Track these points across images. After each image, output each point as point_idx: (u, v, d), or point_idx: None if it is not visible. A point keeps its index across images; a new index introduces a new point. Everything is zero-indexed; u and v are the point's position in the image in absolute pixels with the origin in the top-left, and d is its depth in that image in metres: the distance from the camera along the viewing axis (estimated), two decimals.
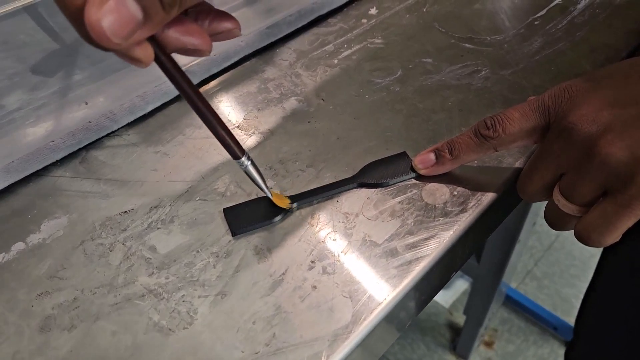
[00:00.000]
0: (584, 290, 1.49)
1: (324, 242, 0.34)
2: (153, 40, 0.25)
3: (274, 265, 0.33)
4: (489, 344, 1.34)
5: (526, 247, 1.51)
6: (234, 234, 0.34)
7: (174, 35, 0.25)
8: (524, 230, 0.99)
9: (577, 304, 1.39)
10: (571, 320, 1.33)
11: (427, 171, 0.37)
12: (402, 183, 0.38)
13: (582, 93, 0.32)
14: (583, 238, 0.32)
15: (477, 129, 0.35)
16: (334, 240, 0.34)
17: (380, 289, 0.32)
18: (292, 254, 0.34)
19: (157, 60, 0.26)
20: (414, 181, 0.38)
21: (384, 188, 0.37)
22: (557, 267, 1.48)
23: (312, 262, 0.33)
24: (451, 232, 0.35)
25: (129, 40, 0.22)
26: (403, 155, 0.39)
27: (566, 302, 1.40)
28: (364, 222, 0.35)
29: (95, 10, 0.20)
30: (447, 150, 0.36)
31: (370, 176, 0.37)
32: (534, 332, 1.35)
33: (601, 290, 0.59)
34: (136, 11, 0.21)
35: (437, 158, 0.37)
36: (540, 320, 1.34)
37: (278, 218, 0.35)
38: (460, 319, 1.35)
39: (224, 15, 0.27)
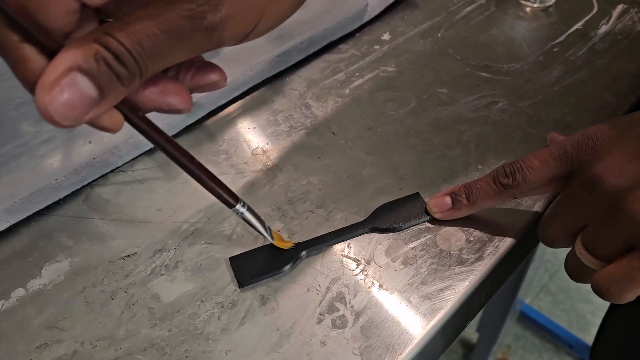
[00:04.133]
0: (600, 306, 1.45)
1: (333, 292, 0.33)
2: (123, 103, 0.23)
3: (281, 318, 0.32)
4: None
5: (541, 260, 1.48)
6: (240, 286, 0.33)
7: (149, 96, 0.24)
8: (539, 247, 0.97)
9: (593, 320, 1.37)
10: (587, 337, 1.30)
11: (442, 215, 0.36)
12: (416, 227, 0.36)
13: (608, 142, 0.30)
14: (601, 290, 0.30)
15: (496, 176, 0.34)
16: (343, 290, 0.33)
17: (392, 347, 0.30)
18: (300, 305, 0.32)
19: (129, 121, 0.24)
20: (427, 225, 0.36)
21: (396, 232, 0.36)
22: (573, 282, 1.45)
23: (321, 314, 0.32)
24: (467, 283, 0.33)
25: (85, 119, 0.21)
26: (416, 197, 0.37)
27: (582, 318, 1.37)
28: (376, 270, 0.34)
29: (44, 93, 0.19)
30: (464, 195, 0.35)
31: (382, 220, 0.36)
32: (549, 349, 1.32)
33: (619, 318, 0.57)
34: (90, 90, 0.20)
35: (453, 202, 0.35)
36: (555, 338, 1.32)
37: (287, 267, 0.33)
38: (473, 335, 1.33)
39: (208, 66, 0.26)
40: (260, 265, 0.33)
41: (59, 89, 0.19)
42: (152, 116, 0.25)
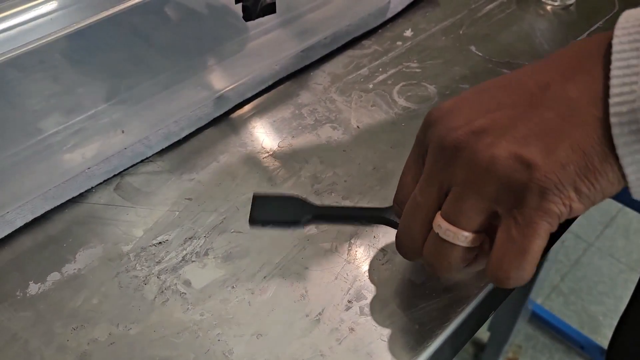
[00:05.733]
0: (612, 308, 1.45)
1: (360, 280, 0.34)
2: None
3: (310, 305, 0.32)
4: None
5: (553, 261, 1.48)
6: (251, 223, 0.36)
7: None
8: (552, 247, 0.97)
9: (605, 322, 1.37)
10: (598, 338, 1.30)
11: None
12: None
13: (447, 111, 0.28)
14: (502, 280, 0.26)
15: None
16: (371, 278, 0.34)
17: (420, 334, 0.31)
18: (329, 292, 0.33)
19: None
20: None
21: None
22: (584, 282, 1.45)
23: (349, 302, 0.33)
24: None
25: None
26: None
27: (594, 320, 1.37)
28: (403, 260, 0.34)
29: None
30: None
31: None
32: (560, 349, 1.32)
33: (636, 320, 0.57)
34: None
35: None
36: (566, 338, 1.31)
37: (300, 225, 0.36)
38: (484, 334, 1.33)
39: None
40: (277, 212, 0.36)
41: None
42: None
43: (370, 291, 0.33)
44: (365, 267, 0.34)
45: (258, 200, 0.37)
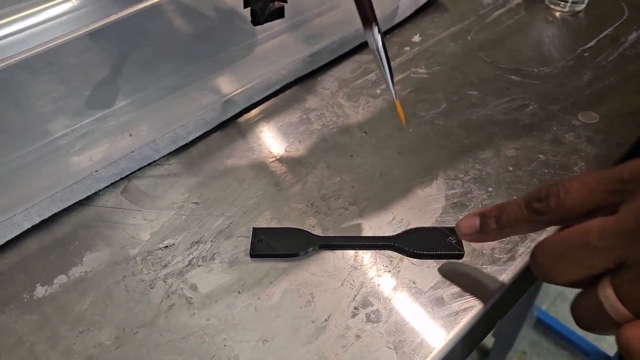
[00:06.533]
0: None
1: (367, 287, 0.33)
2: None
3: (317, 311, 0.32)
4: None
5: None
6: (251, 256, 0.35)
7: None
8: None
9: None
10: (604, 345, 1.29)
11: (469, 238, 0.32)
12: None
13: None
14: (633, 354, 0.24)
15: (530, 200, 0.28)
16: (377, 285, 0.33)
17: (426, 342, 0.31)
18: (335, 299, 0.33)
19: None
20: None
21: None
22: None
23: (356, 308, 0.32)
24: (499, 282, 0.33)
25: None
26: (450, 231, 0.36)
27: None
28: (409, 267, 0.34)
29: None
30: (493, 219, 0.30)
31: (408, 243, 0.35)
32: (565, 356, 1.31)
33: None
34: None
35: (481, 225, 0.31)
36: (571, 345, 1.31)
37: (302, 253, 0.35)
38: (489, 340, 1.33)
39: None
40: (276, 244, 0.35)
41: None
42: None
43: (376, 298, 0.33)
44: (371, 273, 0.34)
45: (257, 234, 0.36)
